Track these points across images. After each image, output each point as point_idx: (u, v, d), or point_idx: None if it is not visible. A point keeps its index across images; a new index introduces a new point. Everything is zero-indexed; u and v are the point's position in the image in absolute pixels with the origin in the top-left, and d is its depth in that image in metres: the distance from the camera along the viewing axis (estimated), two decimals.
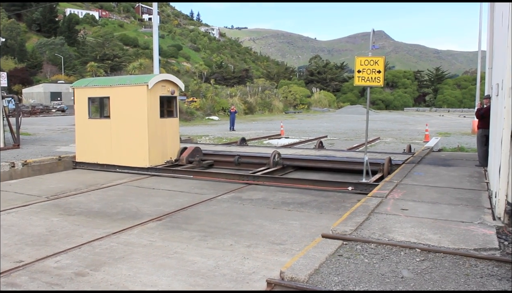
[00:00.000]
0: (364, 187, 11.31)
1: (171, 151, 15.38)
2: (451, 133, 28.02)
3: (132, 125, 14.61)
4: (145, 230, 7.85)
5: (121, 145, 14.87)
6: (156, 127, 14.69)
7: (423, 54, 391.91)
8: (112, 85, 15.25)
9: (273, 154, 14.35)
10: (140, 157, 14.48)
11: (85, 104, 15.62)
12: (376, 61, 11.41)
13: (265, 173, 13.40)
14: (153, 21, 23.06)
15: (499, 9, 9.35)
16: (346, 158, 14.61)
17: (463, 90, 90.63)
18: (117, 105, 14.94)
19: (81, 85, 16.08)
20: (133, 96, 14.58)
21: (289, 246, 6.92)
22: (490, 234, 6.31)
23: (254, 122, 41.05)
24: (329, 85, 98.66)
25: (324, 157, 14.94)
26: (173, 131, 15.58)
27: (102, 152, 15.17)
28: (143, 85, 14.35)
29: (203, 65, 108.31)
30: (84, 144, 15.58)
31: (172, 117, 15.58)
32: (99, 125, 15.39)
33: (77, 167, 15.59)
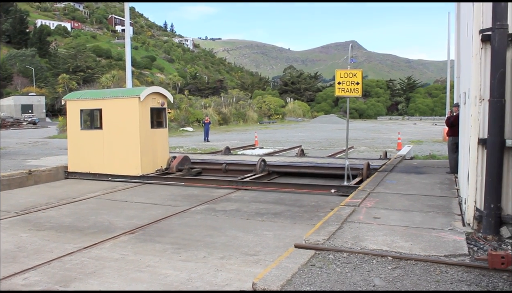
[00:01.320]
0: (345, 189, 12.16)
1: (161, 160, 15.98)
2: (423, 141, 28.47)
3: (124, 136, 15.17)
4: (117, 244, 7.73)
5: (113, 155, 15.40)
6: (147, 137, 15.29)
7: (395, 63, 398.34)
8: (104, 98, 15.79)
9: (259, 161, 15.15)
10: (132, 166, 15.05)
11: (77, 116, 16.13)
12: (354, 74, 12.27)
13: (253, 178, 14.18)
14: (125, 31, 22.93)
15: (464, 19, 9.57)
16: (327, 164, 15.64)
17: (434, 99, 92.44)
18: (109, 116, 15.48)
19: (73, 97, 16.64)
20: (125, 108, 15.17)
21: (262, 257, 6.90)
22: (460, 240, 6.40)
23: (229, 133, 41.02)
24: (303, 95, 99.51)
25: (307, 163, 15.92)
26: (163, 141, 16.22)
27: (95, 162, 15.68)
28: (135, 98, 14.98)
29: (177, 76, 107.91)
30: (77, 155, 16.06)
31: (162, 128, 16.23)
32: (91, 136, 15.91)
33: (69, 177, 15.94)
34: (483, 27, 6.63)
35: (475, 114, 6.78)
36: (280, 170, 15.69)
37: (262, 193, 12.38)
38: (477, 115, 6.76)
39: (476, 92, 6.75)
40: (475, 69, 6.76)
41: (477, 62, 6.74)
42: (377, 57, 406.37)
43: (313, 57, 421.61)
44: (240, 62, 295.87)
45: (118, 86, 43.55)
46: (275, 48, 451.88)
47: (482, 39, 6.63)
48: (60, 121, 45.74)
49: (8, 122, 59.73)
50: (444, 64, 45.32)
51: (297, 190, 12.74)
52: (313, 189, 12.75)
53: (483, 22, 6.64)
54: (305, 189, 12.77)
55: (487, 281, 4.96)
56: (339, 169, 14.40)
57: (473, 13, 6.84)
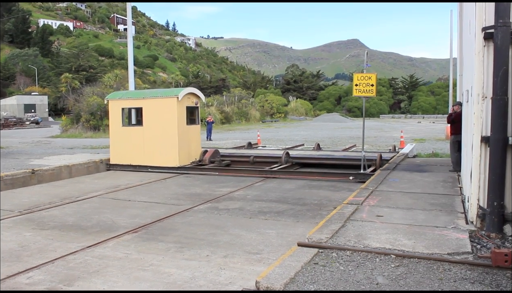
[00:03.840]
0: (362, 176, 13.88)
1: (194, 153, 17.76)
2: (426, 139, 28.40)
3: (163, 131, 16.88)
4: (121, 243, 7.75)
5: (153, 149, 17.10)
6: (184, 133, 17.04)
7: (397, 61, 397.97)
8: (145, 98, 17.60)
9: (283, 153, 17.09)
10: (171, 158, 16.79)
11: (119, 114, 17.83)
12: (369, 77, 13.98)
13: (280, 168, 16.06)
14: (127, 30, 22.94)
15: (466, 17, 9.56)
16: (343, 156, 17.58)
17: (436, 97, 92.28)
18: (149, 114, 17.17)
19: (115, 97, 18.35)
20: (165, 106, 16.86)
21: (265, 255, 6.91)
22: (463, 238, 6.40)
23: (231, 131, 41.02)
24: (306, 93, 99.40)
25: (325, 155, 17.84)
26: (196, 136, 18.10)
27: (135, 155, 17.38)
28: (174, 98, 16.71)
29: (179, 75, 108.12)
30: (118, 149, 17.76)
31: (195, 124, 18.04)
32: (132, 132, 17.65)
33: (111, 168, 17.69)
34: (485, 25, 6.62)
35: (478, 112, 6.77)
36: (302, 161, 17.45)
37: (264, 193, 12.35)
38: (480, 113, 6.75)
39: (479, 90, 6.73)
40: (478, 67, 6.75)
41: (479, 60, 6.72)
42: (380, 56, 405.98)
43: (315, 55, 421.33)
44: (242, 61, 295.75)
45: (121, 85, 43.51)
46: (277, 46, 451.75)
47: (485, 37, 6.61)
48: (63, 121, 45.79)
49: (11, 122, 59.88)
50: (447, 62, 45.38)
51: (320, 177, 14.60)
52: (334, 176, 14.57)
53: (486, 20, 6.63)
54: (326, 176, 14.61)
55: (491, 279, 4.95)
56: (354, 160, 16.16)
57: (476, 11, 6.82)
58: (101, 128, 38.63)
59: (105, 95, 41.56)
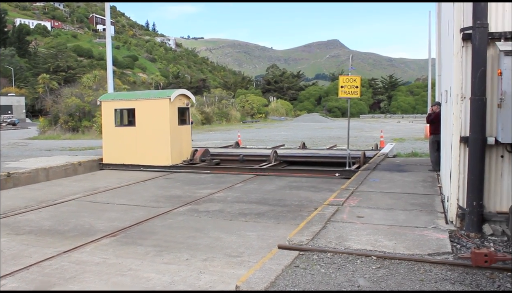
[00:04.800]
0: (348, 173, 14.51)
1: (186, 152, 18.26)
2: (405, 139, 28.60)
3: (156, 131, 17.32)
4: (99, 247, 7.60)
5: (145, 148, 17.51)
6: (175, 132, 17.51)
7: (377, 62, 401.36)
8: (137, 99, 18.05)
9: (272, 152, 17.71)
10: (163, 157, 17.26)
11: (112, 114, 18.18)
12: (354, 79, 14.70)
13: (269, 166, 16.67)
14: (106, 31, 22.67)
15: (445, 18, 9.61)
16: (328, 154, 18.27)
17: (415, 97, 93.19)
18: (142, 115, 17.60)
19: (108, 98, 18.73)
20: (157, 107, 17.35)
21: (246, 258, 6.84)
22: (443, 238, 6.42)
23: (212, 132, 40.82)
24: (286, 94, 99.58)
25: (311, 154, 18.46)
26: (187, 136, 18.59)
27: (128, 154, 17.77)
28: (166, 99, 17.21)
29: (159, 76, 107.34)
30: (111, 149, 18.16)
31: (186, 125, 18.54)
32: (125, 132, 18.02)
33: (103, 168, 18.08)
34: (464, 26, 6.65)
35: (457, 113, 6.80)
36: (289, 160, 18.06)
37: (245, 194, 12.25)
38: (459, 114, 6.78)
39: (458, 90, 6.77)
40: (456, 68, 6.78)
41: (458, 60, 6.76)
42: (359, 56, 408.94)
43: (295, 56, 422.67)
44: (223, 62, 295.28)
45: (101, 86, 42.94)
46: (258, 47, 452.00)
47: (463, 38, 6.65)
48: (40, 122, 45.03)
49: None
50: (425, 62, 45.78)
51: (308, 174, 15.31)
52: (321, 173, 15.33)
53: (464, 21, 6.66)
54: (314, 173, 15.39)
55: (471, 279, 4.97)
56: (339, 158, 16.71)
57: (454, 12, 6.86)
58: (80, 129, 38.12)
59: (84, 96, 41.19)
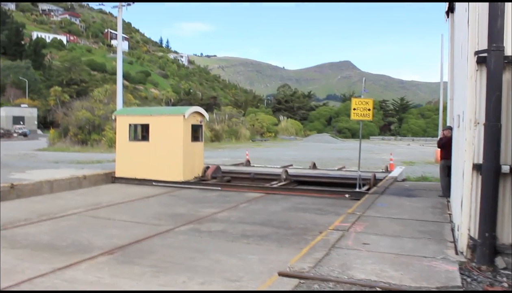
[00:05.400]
0: (358, 194, 14.17)
1: (197, 169, 18.25)
2: (415, 162, 28.22)
3: (169, 147, 17.38)
4: (94, 265, 7.35)
5: (158, 164, 17.54)
6: (188, 149, 17.56)
7: (388, 84, 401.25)
8: (152, 115, 18.37)
9: (283, 171, 17.72)
10: (175, 173, 17.28)
11: (126, 129, 18.39)
12: (367, 102, 14.79)
13: (280, 185, 16.66)
14: (118, 44, 22.74)
15: (458, 41, 9.38)
16: (339, 175, 18.27)
17: (426, 120, 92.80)
18: (156, 130, 17.75)
19: (123, 113, 19.50)
20: (171, 124, 17.47)
21: (245, 283, 6.54)
22: (452, 270, 6.10)
23: (220, 150, 40.66)
24: (297, 113, 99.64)
25: (321, 174, 18.50)
26: (199, 153, 18.59)
27: (140, 169, 17.82)
28: (180, 116, 17.35)
29: (170, 92, 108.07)
30: (124, 163, 18.23)
31: (199, 142, 18.57)
32: (138, 147, 18.17)
33: (116, 181, 18.14)
34: (478, 49, 6.41)
35: (470, 139, 6.53)
36: (300, 179, 18.00)
37: (249, 215, 11.96)
38: (472, 140, 6.50)
39: (471, 115, 6.50)
40: (470, 92, 6.52)
41: (472, 84, 6.50)
42: (371, 78, 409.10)
43: (307, 76, 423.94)
44: (235, 80, 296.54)
45: (111, 100, 43.08)
46: (270, 66, 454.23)
47: (478, 61, 6.40)
48: (50, 134, 45.19)
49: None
50: (437, 85, 45.62)
51: (318, 194, 15.23)
52: (331, 194, 15.17)
53: (479, 44, 6.42)
54: (324, 194, 15.26)
55: None
56: (349, 179, 16.78)
57: (468, 34, 6.63)
58: (89, 143, 38.16)
59: (94, 109, 41.32)
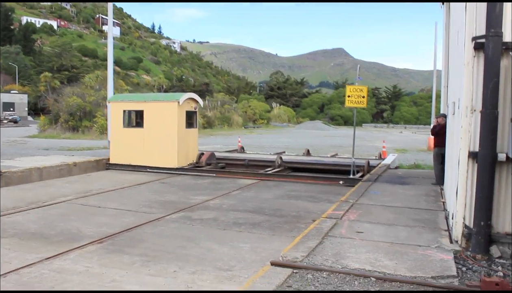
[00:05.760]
0: (352, 181, 14.39)
1: (192, 155, 18.32)
2: (408, 150, 28.19)
3: (164, 134, 17.39)
4: (83, 254, 7.21)
5: (152, 150, 17.60)
6: (183, 135, 17.58)
7: (381, 71, 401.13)
8: (146, 101, 18.27)
9: (277, 158, 17.92)
10: (170, 159, 17.35)
11: (120, 115, 18.30)
12: (361, 89, 14.92)
13: (274, 171, 16.77)
14: (108, 30, 22.36)
15: (454, 27, 9.24)
16: (333, 162, 18.34)
17: (419, 107, 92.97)
18: (150, 117, 17.70)
19: (117, 99, 19.31)
20: (165, 110, 17.43)
21: (237, 273, 6.42)
22: (447, 259, 6.02)
23: (212, 136, 40.44)
24: (289, 100, 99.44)
25: (315, 160, 18.58)
26: (194, 140, 18.65)
27: (135, 155, 17.85)
28: (175, 102, 17.33)
29: (162, 78, 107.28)
30: (118, 149, 18.25)
31: (193, 128, 18.61)
32: (132, 133, 18.13)
33: (110, 168, 18.16)
34: (476, 34, 6.28)
35: (466, 126, 6.42)
36: (294, 166, 18.09)
37: (241, 202, 11.82)
38: (468, 127, 6.39)
39: (468, 102, 6.38)
40: (467, 79, 6.40)
41: (469, 71, 6.38)
42: (364, 65, 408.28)
43: (300, 63, 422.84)
44: (227, 66, 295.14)
45: (103, 86, 42.61)
46: (263, 53, 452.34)
47: (475, 47, 6.27)
48: (41, 121, 44.71)
49: None
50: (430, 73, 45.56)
51: (312, 181, 15.29)
52: (325, 180, 15.25)
53: (476, 29, 6.29)
54: (318, 180, 15.30)
55: None
56: (343, 165, 16.89)
57: (466, 20, 6.48)
58: (80, 129, 37.80)
59: (86, 96, 40.89)
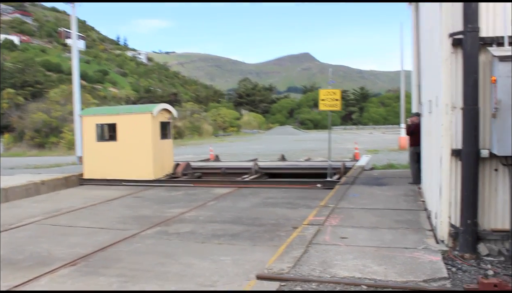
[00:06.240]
0: (329, 184, 14.45)
1: (168, 166, 18.15)
2: (379, 150, 28.32)
3: (138, 146, 17.18)
4: (55, 279, 6.80)
5: (127, 163, 17.28)
6: (158, 147, 17.46)
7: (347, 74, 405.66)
8: (119, 113, 17.99)
9: (254, 164, 17.71)
10: (146, 172, 17.13)
11: (93, 129, 17.98)
12: (334, 92, 15.05)
13: (252, 178, 16.64)
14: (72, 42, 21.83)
15: (427, 24, 9.18)
16: (309, 165, 18.35)
17: (387, 108, 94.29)
18: (123, 129, 17.46)
19: (89, 114, 18.89)
20: (139, 122, 17.28)
21: (220, 288, 6.14)
22: (436, 260, 5.87)
23: (183, 147, 39.94)
24: (258, 107, 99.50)
25: (292, 165, 18.69)
26: (169, 150, 18.52)
27: (110, 169, 17.50)
28: (148, 113, 17.24)
29: (130, 90, 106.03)
30: (92, 164, 17.84)
31: (168, 139, 18.48)
32: (106, 147, 17.85)
33: (84, 183, 17.72)
34: (453, 31, 6.18)
35: (447, 124, 6.30)
36: (271, 172, 18.06)
37: (218, 213, 11.52)
38: (449, 125, 6.28)
39: (447, 100, 6.27)
40: (446, 76, 6.29)
41: (447, 68, 6.27)
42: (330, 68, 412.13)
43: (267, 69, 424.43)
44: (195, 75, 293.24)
45: (69, 101, 41.73)
46: (230, 61, 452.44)
47: (453, 43, 6.17)
48: (5, 139, 43.45)
49: None
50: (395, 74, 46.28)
51: (291, 186, 15.40)
52: (303, 184, 15.31)
53: (453, 25, 6.19)
54: (296, 185, 15.43)
55: None
56: (319, 168, 16.93)
57: (442, 16, 6.38)
58: (46, 146, 36.92)
59: (51, 111, 39.98)
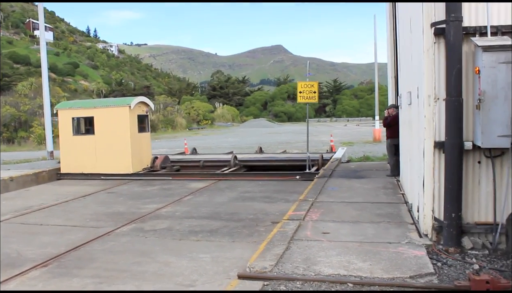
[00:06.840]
0: (308, 175, 14.68)
1: (146, 160, 18.04)
2: (354, 142, 28.43)
3: (116, 140, 17.00)
4: (25, 282, 6.47)
5: (105, 157, 17.13)
6: (136, 140, 17.29)
7: (320, 67, 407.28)
8: (96, 107, 17.80)
9: (232, 157, 17.71)
10: (124, 165, 16.94)
11: (69, 123, 17.72)
12: (312, 85, 15.13)
13: (230, 171, 16.67)
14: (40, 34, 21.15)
15: (405, 15, 9.07)
16: (287, 158, 18.70)
17: (360, 100, 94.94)
18: (101, 123, 17.25)
19: (65, 107, 18.56)
20: (117, 115, 17.08)
21: (200, 287, 5.92)
22: (421, 255, 5.77)
23: (157, 140, 39.36)
24: (232, 99, 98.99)
25: (270, 157, 18.90)
26: (147, 144, 18.40)
27: (87, 163, 17.35)
28: (126, 107, 17.03)
29: (101, 83, 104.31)
30: (69, 158, 17.64)
31: (145, 132, 18.31)
32: (83, 141, 17.60)
33: (61, 178, 17.51)
34: (435, 20, 6.06)
35: (430, 115, 6.19)
36: (249, 164, 18.11)
37: (195, 208, 11.26)
38: (432, 116, 6.17)
39: (430, 91, 6.16)
40: (428, 66, 6.18)
41: (429, 58, 6.16)
42: (303, 61, 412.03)
43: (240, 61, 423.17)
44: (167, 68, 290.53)
45: (38, 94, 40.68)
46: (202, 53, 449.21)
47: (435, 33, 6.06)
48: None
49: None
50: (367, 66, 46.41)
51: (270, 178, 15.46)
52: (282, 176, 15.39)
53: (435, 15, 6.07)
54: (276, 177, 15.48)
55: None
56: (297, 161, 17.14)
57: (423, 5, 6.25)
58: (15, 141, 35.96)
59: (20, 105, 38.92)
